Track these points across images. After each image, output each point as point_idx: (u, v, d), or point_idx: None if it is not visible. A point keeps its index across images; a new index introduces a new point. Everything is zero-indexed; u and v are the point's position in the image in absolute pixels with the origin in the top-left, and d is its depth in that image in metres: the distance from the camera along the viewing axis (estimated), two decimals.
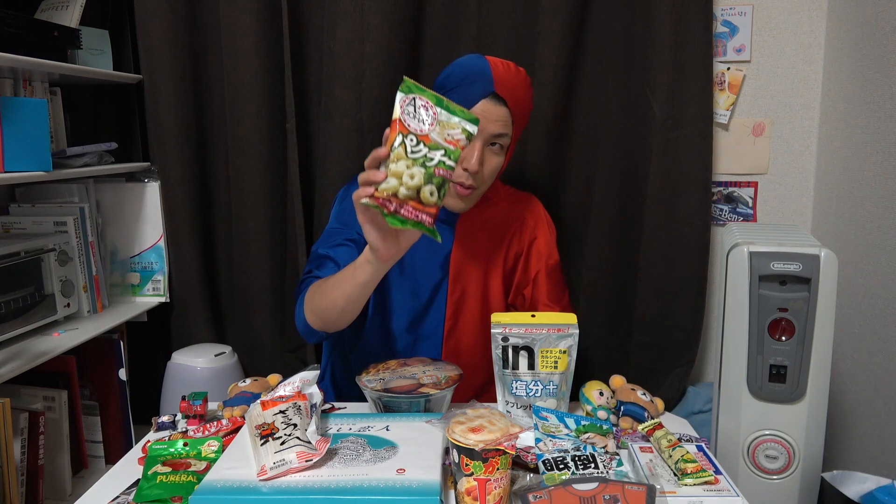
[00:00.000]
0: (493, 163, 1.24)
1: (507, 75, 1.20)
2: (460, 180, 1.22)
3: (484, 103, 1.18)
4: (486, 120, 1.18)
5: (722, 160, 1.80)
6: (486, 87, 1.18)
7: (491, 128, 1.19)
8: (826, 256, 1.19)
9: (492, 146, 1.22)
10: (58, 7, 1.61)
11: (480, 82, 1.18)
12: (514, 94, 1.20)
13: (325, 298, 1.12)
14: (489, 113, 1.18)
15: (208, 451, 0.96)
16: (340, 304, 1.10)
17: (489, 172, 1.24)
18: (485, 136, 1.20)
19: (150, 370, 1.85)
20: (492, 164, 1.23)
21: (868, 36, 1.55)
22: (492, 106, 1.18)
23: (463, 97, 1.18)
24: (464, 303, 1.36)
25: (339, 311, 1.11)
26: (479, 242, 1.37)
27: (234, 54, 1.69)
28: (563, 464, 0.90)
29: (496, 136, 1.21)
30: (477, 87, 1.18)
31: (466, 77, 1.20)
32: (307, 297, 1.18)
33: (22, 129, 1.39)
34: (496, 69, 1.19)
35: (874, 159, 1.53)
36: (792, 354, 1.22)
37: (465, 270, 1.35)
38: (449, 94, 1.20)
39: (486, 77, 1.18)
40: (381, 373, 1.12)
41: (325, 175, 1.70)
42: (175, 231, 1.79)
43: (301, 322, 1.20)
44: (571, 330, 1.07)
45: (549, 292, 1.39)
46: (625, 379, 1.18)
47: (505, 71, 1.20)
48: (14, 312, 1.47)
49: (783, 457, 1.25)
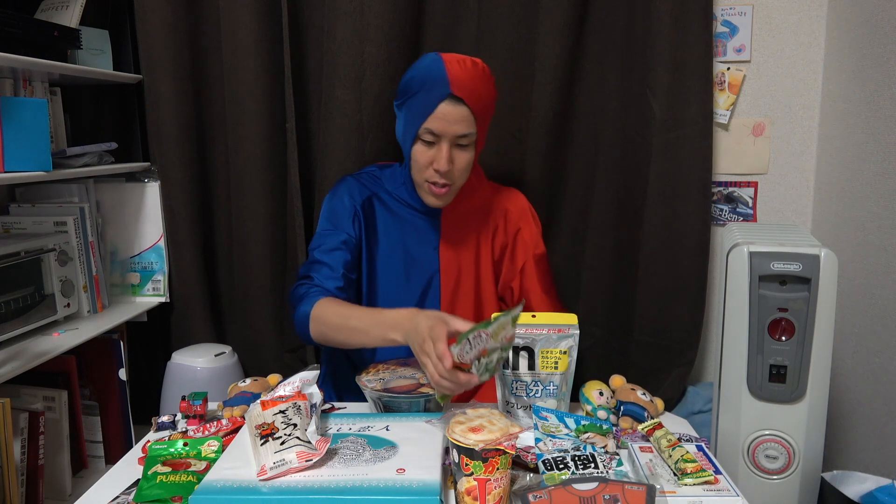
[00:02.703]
0: (464, 159, 1.27)
1: (464, 74, 1.22)
2: (433, 179, 1.27)
3: (443, 106, 1.21)
4: (448, 122, 1.22)
5: (722, 160, 1.80)
6: (444, 90, 1.21)
7: (454, 129, 1.23)
8: (826, 256, 1.19)
9: (459, 145, 1.26)
10: (58, 7, 1.61)
11: (438, 86, 1.21)
12: (472, 92, 1.22)
13: (338, 334, 1.20)
14: (450, 115, 1.21)
15: (208, 451, 0.96)
16: (351, 344, 1.20)
17: (461, 168, 1.27)
18: (449, 138, 1.24)
19: (150, 370, 1.85)
20: (462, 160, 1.27)
21: (868, 36, 1.55)
22: (451, 108, 1.21)
23: (424, 103, 1.22)
24: (458, 293, 1.37)
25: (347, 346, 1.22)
26: (466, 232, 1.39)
27: (234, 54, 1.69)
28: (562, 464, 0.90)
29: (460, 136, 1.24)
30: (435, 91, 1.21)
31: (425, 82, 1.23)
32: (315, 315, 1.22)
33: (22, 129, 1.38)
34: (452, 70, 1.21)
35: (874, 159, 1.53)
36: (792, 354, 1.22)
37: (456, 261, 1.37)
38: (410, 100, 1.25)
39: (443, 80, 1.21)
40: (381, 373, 1.12)
41: (325, 175, 1.69)
42: (175, 231, 1.79)
43: (303, 332, 1.25)
44: (572, 330, 1.07)
45: (541, 282, 1.42)
46: (625, 379, 1.18)
47: (461, 70, 1.22)
48: (14, 312, 1.47)
49: (783, 457, 1.25)
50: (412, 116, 1.25)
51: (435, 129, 1.22)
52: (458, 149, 1.26)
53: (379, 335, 1.13)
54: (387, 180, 1.40)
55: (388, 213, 1.37)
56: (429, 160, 1.25)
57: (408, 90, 1.26)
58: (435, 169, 1.25)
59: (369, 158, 1.64)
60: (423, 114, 1.22)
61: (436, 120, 1.22)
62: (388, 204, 1.38)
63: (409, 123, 1.26)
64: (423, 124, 1.23)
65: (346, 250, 1.31)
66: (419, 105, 1.23)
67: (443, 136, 1.23)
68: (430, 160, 1.25)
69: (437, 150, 1.24)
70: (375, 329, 1.14)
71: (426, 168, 1.27)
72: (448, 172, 1.25)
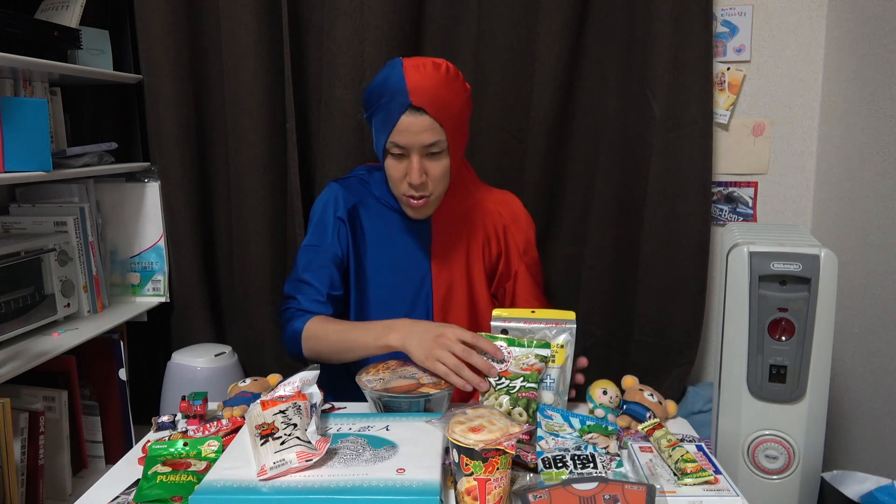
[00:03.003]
0: (438, 167, 1.23)
1: (423, 80, 1.17)
2: (409, 193, 1.24)
3: (405, 118, 1.17)
4: (412, 133, 1.18)
5: (722, 160, 1.80)
6: (403, 101, 1.16)
7: (419, 140, 1.18)
8: (826, 256, 1.19)
9: (430, 154, 1.21)
10: (58, 7, 1.61)
11: (397, 97, 1.17)
12: (433, 99, 1.17)
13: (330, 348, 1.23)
14: (413, 126, 1.17)
15: (208, 451, 0.96)
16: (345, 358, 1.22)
17: (437, 178, 1.24)
18: (417, 149, 1.20)
19: (150, 370, 1.85)
20: (436, 169, 1.23)
21: (868, 36, 1.55)
22: (413, 119, 1.17)
23: (386, 116, 1.19)
24: (451, 296, 1.36)
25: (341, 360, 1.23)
26: (458, 237, 1.37)
27: (234, 54, 1.69)
28: (561, 462, 0.90)
29: (428, 146, 1.20)
30: (395, 103, 1.17)
31: (384, 94, 1.19)
32: (306, 334, 1.25)
33: (22, 129, 1.38)
34: (410, 78, 1.16)
35: (874, 159, 1.53)
36: (792, 354, 1.22)
37: (447, 266, 1.36)
38: (376, 114, 1.22)
39: (402, 90, 1.16)
40: (381, 373, 1.12)
41: (325, 175, 1.69)
42: (175, 231, 1.79)
43: (295, 352, 1.28)
44: (569, 325, 1.07)
45: (530, 289, 1.41)
46: (637, 379, 1.18)
47: (420, 76, 1.17)
48: (14, 312, 1.47)
49: (783, 457, 1.25)
50: (378, 130, 1.22)
51: (400, 143, 1.19)
52: (429, 158, 1.21)
53: (371, 343, 1.15)
54: (375, 185, 1.37)
55: (376, 219, 1.35)
56: (402, 173, 1.22)
57: (371, 102, 1.23)
58: (408, 182, 1.22)
59: (369, 158, 1.64)
60: (387, 127, 1.19)
61: (400, 133, 1.18)
62: (376, 210, 1.35)
63: (378, 137, 1.23)
64: (389, 138, 1.19)
65: (334, 266, 1.30)
66: (382, 118, 1.20)
67: (410, 149, 1.19)
68: (403, 173, 1.22)
69: (408, 164, 1.21)
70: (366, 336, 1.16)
71: (401, 182, 1.23)
72: (422, 185, 1.22)
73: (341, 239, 1.33)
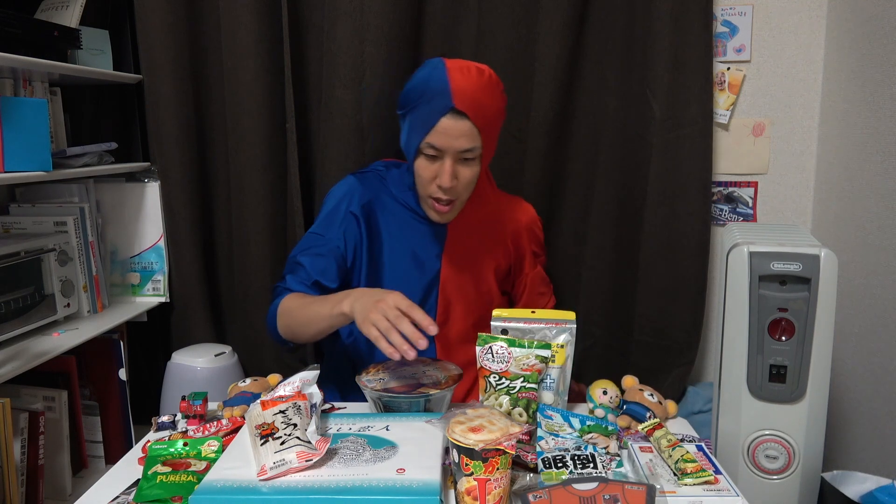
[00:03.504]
0: (468, 174, 1.23)
1: (468, 84, 1.16)
2: (437, 195, 1.24)
3: (445, 121, 1.16)
4: (450, 137, 1.17)
5: (722, 160, 1.80)
6: (446, 103, 1.15)
7: (456, 144, 1.18)
8: (826, 256, 1.19)
9: (463, 160, 1.21)
10: (58, 7, 1.61)
11: (439, 99, 1.15)
12: (476, 104, 1.16)
13: (297, 322, 1.22)
14: (452, 129, 1.16)
15: (208, 451, 0.96)
16: (311, 332, 1.20)
17: (465, 183, 1.24)
18: (452, 154, 1.19)
19: (150, 370, 1.85)
20: (466, 175, 1.23)
21: (868, 36, 1.55)
22: (453, 122, 1.16)
23: (425, 116, 1.17)
24: (457, 298, 1.36)
25: (310, 336, 1.22)
26: (471, 242, 1.37)
27: (234, 54, 1.69)
28: (561, 462, 0.90)
29: (464, 151, 1.19)
30: (436, 104, 1.16)
31: (425, 94, 1.17)
32: (280, 310, 1.25)
33: (22, 129, 1.39)
34: (454, 81, 1.15)
35: (874, 159, 1.53)
36: (792, 354, 1.22)
37: (457, 268, 1.36)
38: (412, 113, 1.20)
39: (445, 92, 1.15)
40: (381, 373, 1.12)
41: (325, 175, 1.69)
42: (175, 231, 1.79)
43: (272, 329, 1.28)
44: (569, 325, 1.07)
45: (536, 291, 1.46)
46: (637, 380, 1.18)
47: (464, 80, 1.16)
48: (14, 312, 1.47)
49: (783, 457, 1.25)
50: (414, 130, 1.21)
51: (437, 144, 1.18)
52: (462, 163, 1.21)
53: (328, 311, 1.12)
54: (392, 182, 1.37)
55: (391, 216, 1.35)
56: (432, 175, 1.22)
57: (409, 101, 1.21)
58: (438, 185, 1.21)
59: (369, 158, 1.64)
60: (424, 128, 1.18)
61: (437, 135, 1.17)
62: (392, 208, 1.35)
63: (412, 136, 1.22)
64: (425, 139, 1.18)
65: (332, 258, 1.29)
66: (420, 118, 1.18)
67: (445, 152, 1.19)
68: (434, 175, 1.22)
69: (440, 166, 1.20)
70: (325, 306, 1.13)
71: (429, 183, 1.23)
72: (452, 188, 1.22)
73: (348, 234, 1.32)
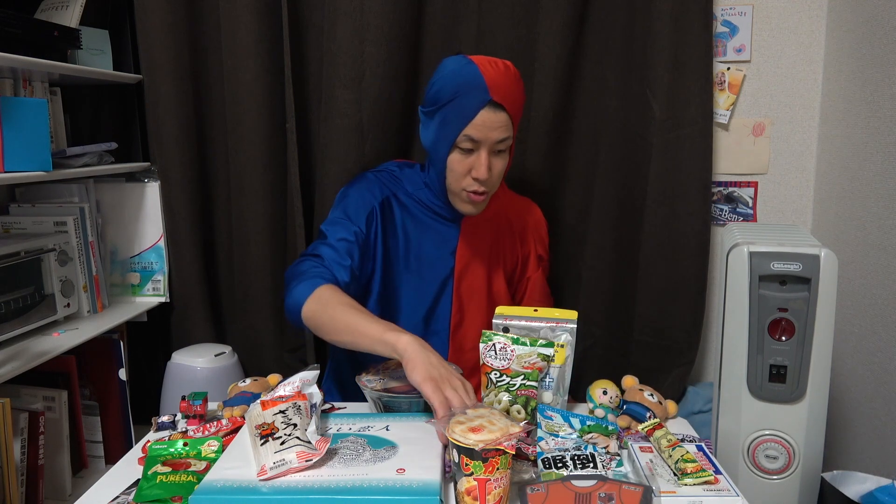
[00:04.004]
0: (500, 165, 1.26)
1: (500, 78, 1.19)
2: (472, 188, 1.25)
3: (483, 113, 1.18)
4: (488, 128, 1.19)
5: (722, 160, 1.80)
6: (483, 96, 1.17)
7: (494, 135, 1.20)
8: (826, 256, 1.19)
9: (496, 151, 1.24)
10: (58, 7, 1.61)
11: (476, 93, 1.17)
12: (510, 96, 1.20)
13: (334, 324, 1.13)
14: (490, 122, 1.19)
15: (208, 451, 0.96)
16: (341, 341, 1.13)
17: (497, 175, 1.27)
18: (489, 145, 1.21)
19: (150, 370, 1.85)
20: (499, 166, 1.26)
21: (868, 36, 1.55)
22: (492, 114, 1.18)
23: (462, 110, 1.18)
24: (470, 298, 1.38)
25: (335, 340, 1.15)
26: (484, 238, 1.40)
27: (234, 54, 1.69)
28: (561, 463, 0.90)
29: (499, 142, 1.22)
30: (473, 97, 1.17)
31: (460, 88, 1.18)
32: (317, 297, 1.16)
33: (22, 129, 1.38)
34: (488, 74, 1.17)
35: (874, 159, 1.53)
36: (792, 354, 1.22)
37: (470, 266, 1.37)
38: (445, 108, 1.20)
39: (481, 86, 1.17)
40: (381, 373, 1.12)
41: (325, 175, 1.69)
42: (175, 231, 1.79)
43: (296, 306, 1.19)
44: (570, 325, 1.07)
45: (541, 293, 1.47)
46: (637, 380, 1.18)
47: (496, 74, 1.18)
48: (14, 312, 1.47)
49: (783, 457, 1.25)
50: (448, 124, 1.21)
51: (475, 136, 1.20)
52: (495, 155, 1.24)
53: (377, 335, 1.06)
54: (407, 181, 1.38)
55: (406, 214, 1.36)
56: (467, 168, 1.23)
57: (440, 98, 1.21)
58: (474, 177, 1.23)
59: (369, 158, 1.64)
60: (461, 121, 1.19)
61: (476, 128, 1.19)
62: (407, 205, 1.36)
63: (446, 132, 1.22)
64: (463, 132, 1.20)
65: (356, 244, 1.27)
66: (456, 112, 1.19)
67: (482, 143, 1.21)
68: (468, 168, 1.23)
69: (477, 158, 1.22)
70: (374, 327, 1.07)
71: (464, 176, 1.24)
72: (487, 180, 1.24)
73: (372, 225, 1.31)
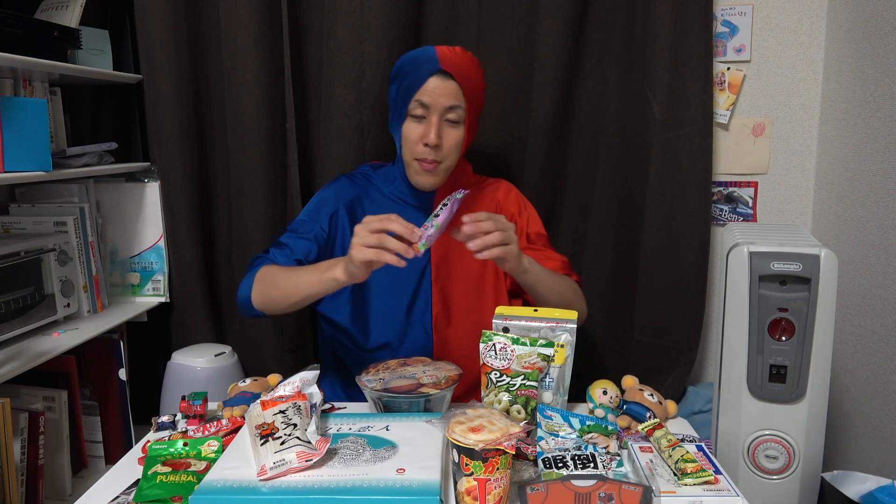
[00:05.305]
0: (453, 136, 1.29)
1: (454, 56, 1.28)
2: (423, 156, 1.28)
3: (433, 80, 1.26)
4: (437, 94, 1.25)
5: (722, 160, 1.80)
6: (433, 66, 1.26)
7: (443, 101, 1.26)
8: (826, 256, 1.19)
9: (449, 121, 1.28)
10: (58, 7, 1.61)
11: (427, 63, 1.26)
12: (461, 70, 1.27)
13: (278, 289, 1.23)
14: (439, 88, 1.25)
15: (208, 451, 0.96)
16: (293, 300, 1.21)
17: (451, 146, 1.29)
18: (439, 110, 1.26)
19: (150, 370, 1.85)
20: (452, 137, 1.29)
21: (868, 36, 1.55)
22: (441, 81, 1.26)
23: (413, 79, 1.26)
24: (453, 287, 1.36)
25: (289, 304, 1.22)
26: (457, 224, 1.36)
27: (235, 54, 1.69)
28: (561, 462, 0.90)
29: (450, 109, 1.26)
30: (425, 67, 1.26)
31: (414, 61, 1.29)
32: (258, 277, 1.27)
33: (22, 129, 1.38)
34: (442, 52, 1.28)
35: (874, 159, 1.53)
36: (792, 354, 1.22)
37: (450, 254, 1.36)
38: (401, 79, 1.29)
39: (433, 58, 1.27)
40: (381, 373, 1.12)
41: (325, 175, 1.69)
42: (175, 231, 1.79)
43: (244, 296, 1.29)
44: (570, 325, 1.07)
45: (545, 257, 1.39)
46: (637, 380, 1.18)
47: (451, 53, 1.28)
48: (14, 312, 1.47)
49: (783, 457, 1.25)
50: (402, 94, 1.29)
51: (425, 101, 1.26)
52: (447, 125, 1.28)
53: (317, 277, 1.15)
54: (380, 179, 1.42)
55: (378, 208, 1.37)
56: (419, 136, 1.28)
57: (398, 72, 1.31)
58: (425, 143, 1.27)
59: (369, 158, 1.64)
60: (413, 88, 1.26)
61: (425, 93, 1.26)
62: (379, 202, 1.39)
63: (400, 101, 1.29)
64: (414, 97, 1.26)
65: (315, 242, 1.33)
66: (409, 81, 1.27)
67: (432, 108, 1.26)
68: (420, 135, 1.28)
69: (427, 125, 1.27)
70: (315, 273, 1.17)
71: (416, 144, 1.29)
72: (437, 147, 1.27)
73: (334, 223, 1.36)
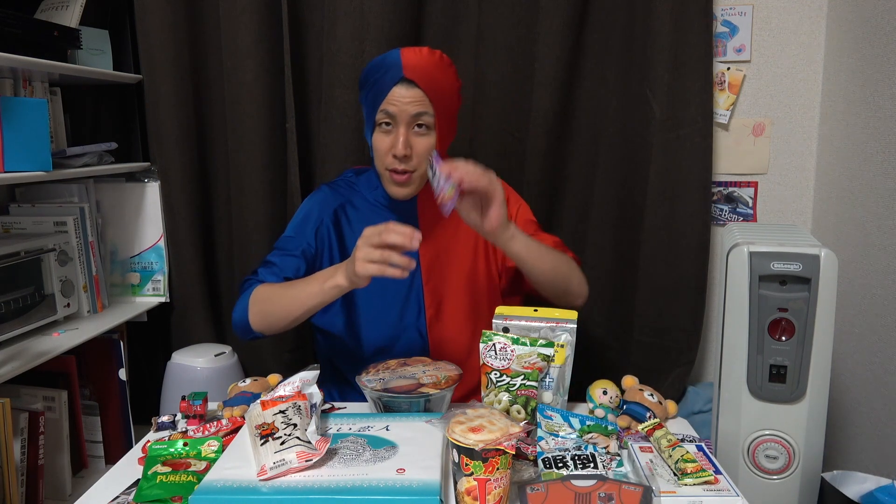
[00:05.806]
0: (423, 143, 1.26)
1: (419, 60, 1.24)
2: (393, 166, 1.26)
3: (397, 89, 1.23)
4: (403, 103, 1.23)
5: (722, 160, 1.80)
6: (396, 74, 1.23)
7: (409, 109, 1.23)
8: (826, 256, 1.19)
9: (417, 128, 1.25)
10: (58, 7, 1.61)
11: (391, 71, 1.24)
12: (425, 74, 1.23)
13: (278, 306, 1.21)
14: (402, 96, 1.23)
15: (208, 451, 0.96)
16: (295, 315, 1.19)
17: (420, 154, 1.27)
18: (406, 119, 1.24)
19: (150, 370, 1.85)
20: (421, 144, 1.26)
21: (868, 36, 1.55)
22: (404, 90, 1.23)
23: (378, 88, 1.24)
24: (445, 289, 1.35)
25: (291, 320, 1.20)
26: (444, 226, 1.36)
27: (235, 54, 1.69)
28: (562, 462, 0.90)
29: (416, 116, 1.24)
30: (388, 76, 1.24)
31: (378, 70, 1.25)
32: (253, 299, 1.24)
33: (22, 129, 1.38)
34: (406, 57, 1.24)
35: (874, 159, 1.53)
36: (792, 354, 1.22)
37: (439, 257, 1.35)
38: (368, 89, 1.27)
39: (396, 66, 1.23)
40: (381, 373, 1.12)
41: (325, 175, 1.69)
42: (175, 231, 1.79)
43: (241, 320, 1.26)
44: (570, 325, 1.07)
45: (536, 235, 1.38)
46: (637, 380, 1.18)
47: (416, 56, 1.24)
48: (14, 312, 1.47)
49: (783, 457, 1.25)
50: (369, 104, 1.27)
51: (390, 111, 1.24)
52: (416, 134, 1.26)
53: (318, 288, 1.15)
54: (362, 185, 1.39)
55: (362, 215, 1.36)
56: (388, 146, 1.26)
57: (365, 80, 1.29)
58: (393, 154, 1.25)
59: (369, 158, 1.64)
60: (378, 98, 1.24)
61: (389, 102, 1.24)
62: (362, 209, 1.37)
63: (368, 111, 1.28)
64: (380, 107, 1.25)
65: (302, 258, 1.31)
66: (374, 91, 1.25)
67: (398, 118, 1.24)
68: (389, 147, 1.26)
69: (395, 135, 1.25)
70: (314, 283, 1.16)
71: (386, 154, 1.27)
72: (407, 157, 1.25)
73: (320, 236, 1.34)
